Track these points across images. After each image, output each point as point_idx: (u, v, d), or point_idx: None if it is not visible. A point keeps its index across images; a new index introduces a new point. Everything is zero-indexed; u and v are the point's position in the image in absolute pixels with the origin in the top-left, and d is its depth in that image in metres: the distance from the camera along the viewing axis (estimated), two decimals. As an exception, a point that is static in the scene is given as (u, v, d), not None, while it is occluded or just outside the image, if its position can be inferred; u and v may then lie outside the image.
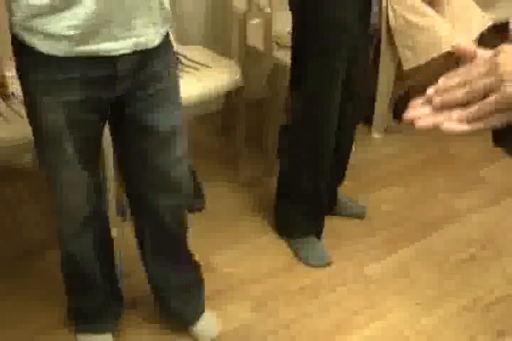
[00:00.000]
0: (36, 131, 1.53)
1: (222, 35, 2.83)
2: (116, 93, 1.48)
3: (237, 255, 2.28)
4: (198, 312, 1.94)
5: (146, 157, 1.60)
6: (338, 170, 2.33)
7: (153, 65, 1.48)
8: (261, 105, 2.62)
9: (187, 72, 2.42)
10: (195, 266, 1.92)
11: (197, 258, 1.92)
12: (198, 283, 1.94)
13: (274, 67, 2.46)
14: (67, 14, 1.31)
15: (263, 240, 2.36)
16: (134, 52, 1.41)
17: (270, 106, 2.57)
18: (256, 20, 2.60)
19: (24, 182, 2.62)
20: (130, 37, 1.38)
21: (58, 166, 1.55)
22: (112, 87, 1.45)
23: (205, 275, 1.96)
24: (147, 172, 1.63)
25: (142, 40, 1.41)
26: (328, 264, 2.25)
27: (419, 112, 0.73)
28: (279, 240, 2.35)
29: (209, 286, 1.99)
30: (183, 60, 2.47)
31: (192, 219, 2.21)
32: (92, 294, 1.85)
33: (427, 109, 0.73)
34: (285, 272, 2.22)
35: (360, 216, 2.48)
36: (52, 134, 1.49)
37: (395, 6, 2.49)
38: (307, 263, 2.26)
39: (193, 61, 2.48)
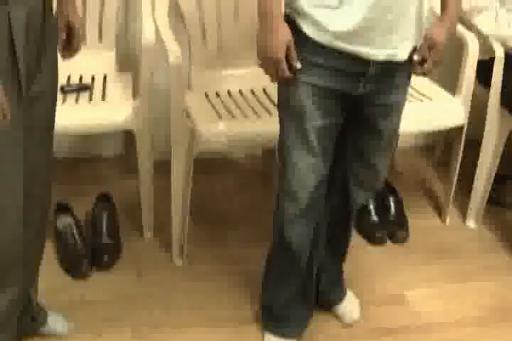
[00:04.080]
0: (283, 109, 1.66)
1: (451, 71, 2.75)
2: (359, 92, 1.59)
3: (430, 296, 2.16)
4: (343, 294, 2.02)
5: (368, 156, 1.74)
6: None
7: (397, 76, 1.61)
8: (479, 146, 2.48)
9: (409, 101, 2.36)
10: None
11: (391, 289, 1.88)
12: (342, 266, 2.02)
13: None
14: (340, 13, 1.47)
15: (459, 286, 2.22)
16: (386, 62, 1.54)
17: (485, 150, 2.45)
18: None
19: (233, 175, 2.74)
20: (385, 47, 1.52)
21: (297, 149, 1.64)
22: (356, 84, 1.57)
23: (395, 309, 1.99)
24: (362, 170, 1.76)
25: (395, 52, 1.54)
26: None
27: None
28: (478, 287, 2.21)
29: (396, 320, 2.00)
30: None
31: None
32: (288, 285, 1.85)
33: None
34: (476, 325, 2.06)
35: None
36: (298, 113, 1.59)
37: None
38: None
39: (417, 91, 2.42)
